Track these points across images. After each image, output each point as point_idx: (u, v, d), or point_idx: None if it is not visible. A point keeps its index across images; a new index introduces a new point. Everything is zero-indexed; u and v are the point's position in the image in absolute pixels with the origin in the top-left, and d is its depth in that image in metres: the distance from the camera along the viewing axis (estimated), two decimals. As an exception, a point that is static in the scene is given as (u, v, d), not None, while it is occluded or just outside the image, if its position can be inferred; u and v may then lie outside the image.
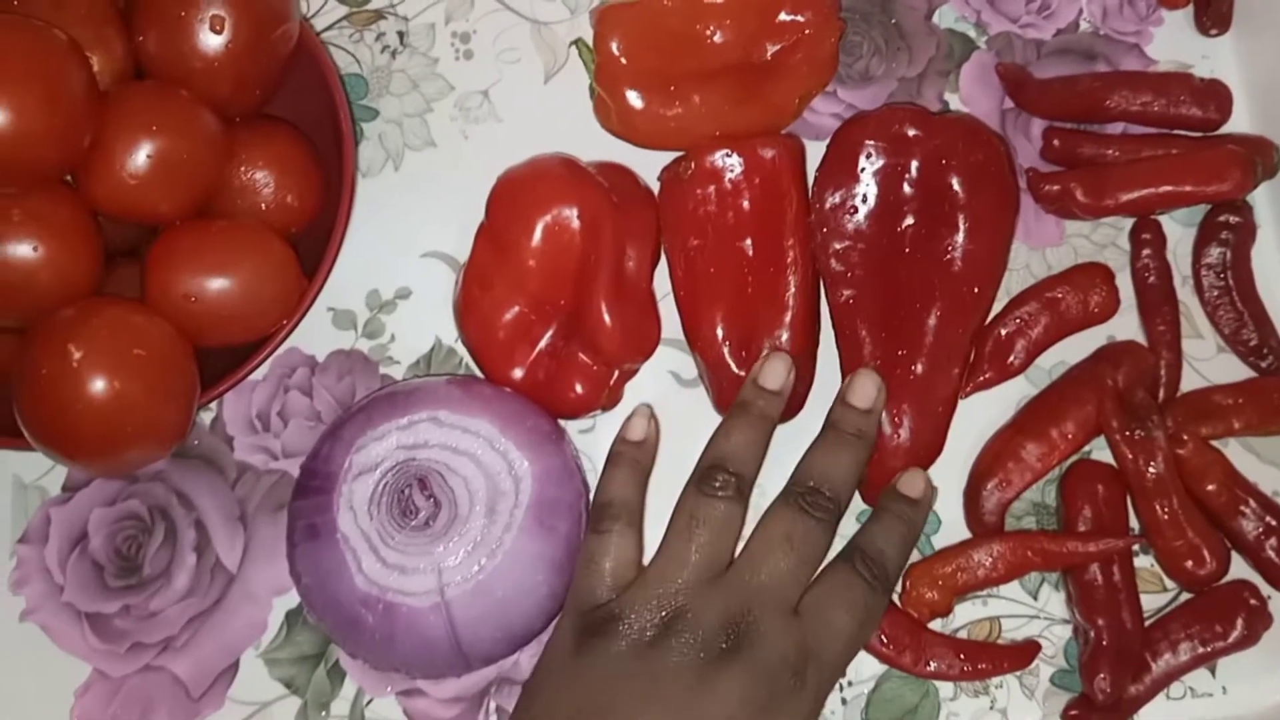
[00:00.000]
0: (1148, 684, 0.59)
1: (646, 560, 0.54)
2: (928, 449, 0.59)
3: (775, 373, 0.56)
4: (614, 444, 0.57)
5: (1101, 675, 0.57)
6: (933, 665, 0.59)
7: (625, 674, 0.49)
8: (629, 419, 0.58)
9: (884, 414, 0.58)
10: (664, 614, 0.50)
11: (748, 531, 0.54)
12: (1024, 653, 0.59)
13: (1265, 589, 0.60)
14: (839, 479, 0.54)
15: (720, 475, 0.53)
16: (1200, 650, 0.59)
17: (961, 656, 0.59)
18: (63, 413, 0.50)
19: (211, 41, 0.54)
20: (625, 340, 0.59)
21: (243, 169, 0.57)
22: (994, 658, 0.59)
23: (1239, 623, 0.59)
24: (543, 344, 0.59)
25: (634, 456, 0.56)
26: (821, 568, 0.53)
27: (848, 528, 0.56)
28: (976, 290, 0.59)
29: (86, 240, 0.52)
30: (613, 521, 0.54)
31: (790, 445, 0.61)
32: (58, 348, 0.50)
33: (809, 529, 0.52)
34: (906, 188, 0.60)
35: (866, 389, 0.56)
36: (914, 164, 0.60)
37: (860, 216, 0.60)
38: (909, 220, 0.60)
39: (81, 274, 0.52)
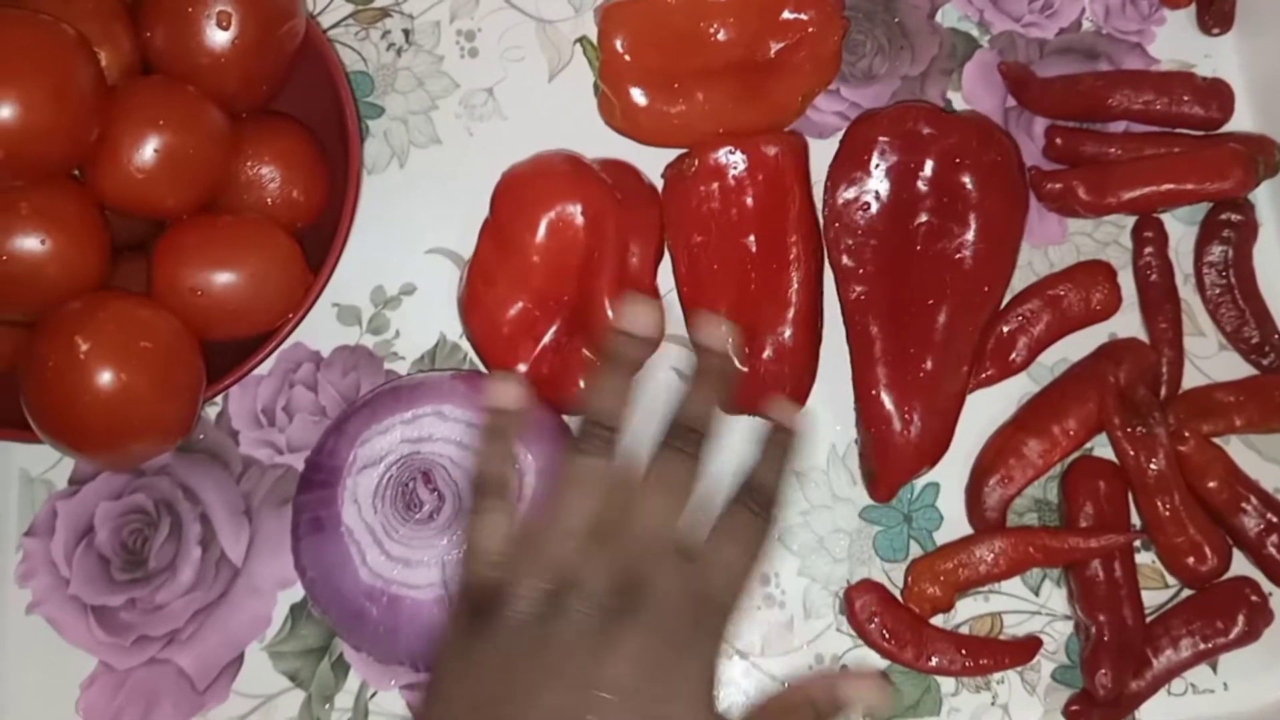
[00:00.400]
0: (1149, 680, 0.59)
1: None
2: (936, 444, 0.59)
3: (640, 319, 0.54)
4: (485, 418, 0.54)
5: (1103, 671, 0.57)
6: (934, 660, 0.59)
7: (521, 653, 0.47)
8: (494, 386, 0.53)
9: (893, 411, 0.58)
10: (550, 583, 0.48)
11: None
12: (1025, 648, 0.60)
13: (1266, 585, 0.60)
14: (695, 412, 0.53)
15: (591, 431, 0.51)
16: (1201, 647, 0.59)
17: (963, 652, 0.59)
18: (70, 405, 0.50)
19: (218, 37, 0.55)
20: (628, 336, 0.59)
21: (249, 164, 0.57)
22: (995, 653, 0.59)
23: (1240, 619, 0.59)
24: (546, 339, 0.59)
25: (504, 428, 0.54)
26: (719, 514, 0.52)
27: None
28: (986, 289, 0.60)
29: (94, 234, 0.53)
30: (489, 497, 0.51)
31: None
32: (65, 340, 0.50)
33: (672, 463, 0.51)
34: (919, 185, 0.60)
35: (715, 332, 0.55)
36: (927, 162, 0.60)
37: (872, 213, 0.61)
38: (921, 218, 0.60)
39: (89, 268, 0.53)
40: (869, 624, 0.59)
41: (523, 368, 0.59)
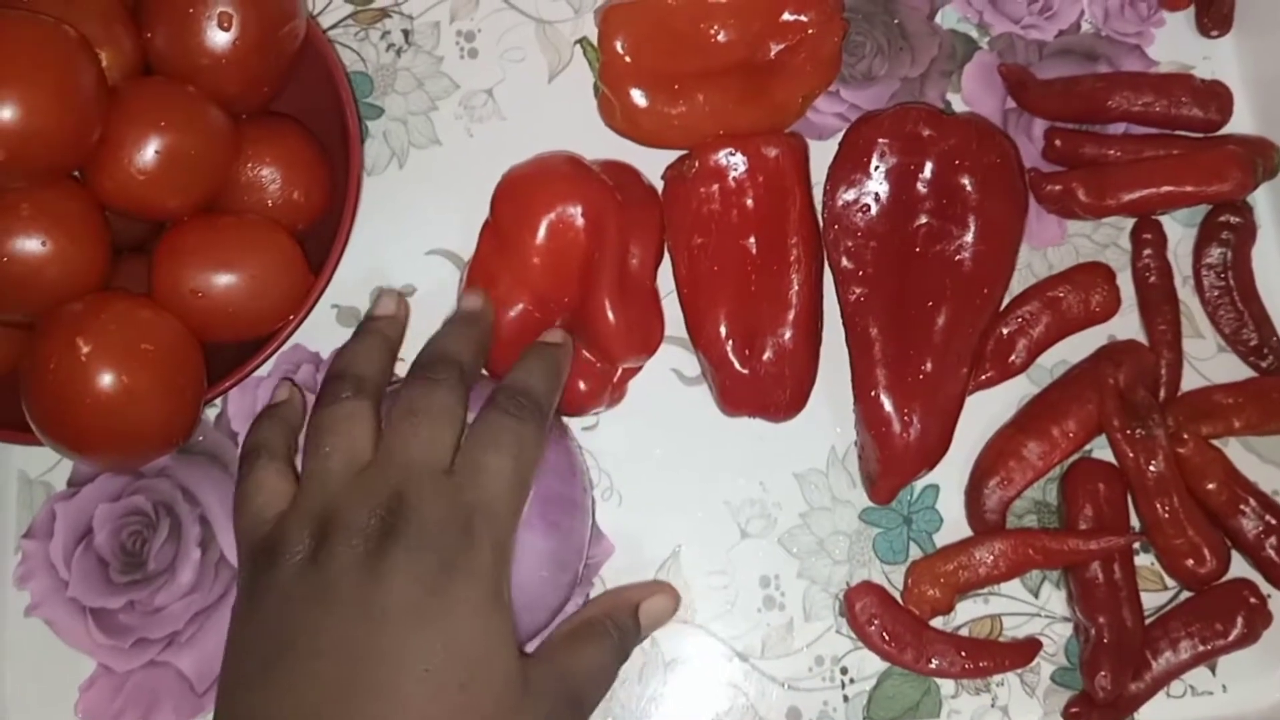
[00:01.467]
0: (1148, 682, 0.59)
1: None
2: (936, 446, 0.59)
3: (384, 304, 0.59)
4: (261, 409, 0.58)
5: (1102, 673, 0.57)
6: (934, 663, 0.59)
7: (296, 597, 0.47)
8: (276, 389, 0.58)
9: (893, 413, 0.58)
10: (316, 523, 0.48)
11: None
12: (1025, 650, 0.60)
13: (1265, 588, 0.60)
14: (456, 347, 0.54)
15: (335, 383, 0.53)
16: (1200, 649, 0.59)
17: (963, 654, 0.59)
18: (70, 407, 0.50)
19: (219, 38, 0.54)
20: (629, 338, 0.59)
21: (250, 165, 0.57)
22: (995, 655, 0.59)
23: (1239, 621, 0.59)
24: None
25: (280, 412, 0.57)
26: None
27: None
28: (986, 291, 0.60)
29: (95, 235, 0.52)
30: (254, 460, 0.53)
31: (793, 442, 0.62)
32: (66, 342, 0.50)
33: (431, 394, 0.51)
34: (919, 187, 0.60)
35: (474, 300, 0.57)
36: (927, 164, 0.60)
37: (872, 215, 0.61)
38: (920, 220, 0.60)
39: (89, 269, 0.52)
40: (869, 626, 0.59)
41: None
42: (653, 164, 0.63)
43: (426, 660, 0.46)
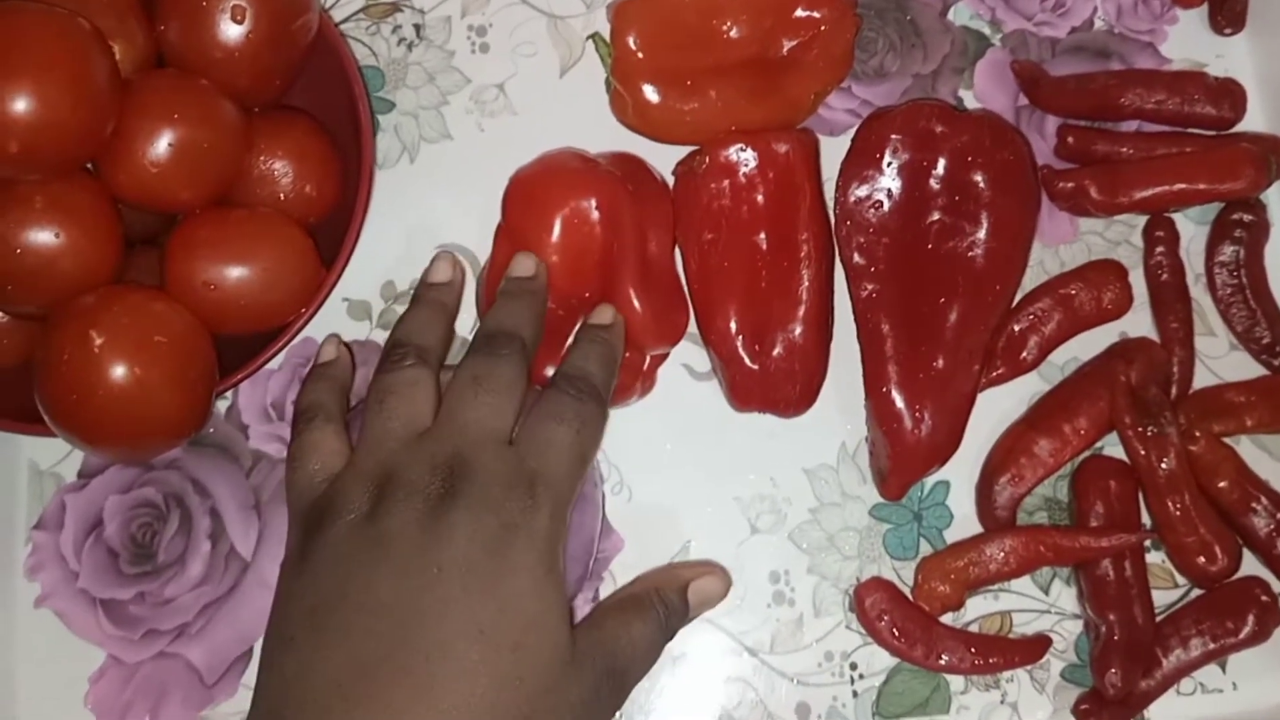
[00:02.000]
0: (1158, 679, 0.59)
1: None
2: (947, 444, 0.59)
3: (440, 270, 0.59)
4: (311, 367, 0.59)
5: (1112, 670, 0.57)
6: (944, 659, 0.59)
7: (350, 553, 0.47)
8: (321, 348, 0.59)
9: (904, 409, 0.58)
10: (374, 482, 0.49)
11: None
12: (1035, 647, 0.60)
13: (1276, 585, 0.60)
14: (516, 321, 0.54)
15: (398, 350, 0.53)
16: (1211, 646, 0.59)
17: (973, 650, 0.59)
18: (84, 399, 0.50)
19: (232, 31, 0.54)
20: (657, 325, 0.59)
21: (262, 159, 0.57)
22: (1005, 652, 0.59)
23: (1250, 619, 0.59)
24: (571, 339, 0.59)
25: (329, 372, 0.57)
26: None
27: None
28: (998, 287, 0.60)
29: (107, 227, 0.53)
30: (308, 421, 0.53)
31: (803, 438, 0.62)
32: (79, 334, 0.50)
33: (494, 366, 0.51)
34: (932, 183, 0.60)
35: (525, 263, 0.57)
36: (940, 160, 0.60)
37: (884, 211, 0.61)
38: (933, 216, 0.60)
39: (102, 261, 0.52)
40: (878, 622, 0.59)
41: (550, 370, 0.58)
42: (664, 160, 0.63)
43: (480, 620, 0.46)
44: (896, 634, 0.59)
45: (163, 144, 0.52)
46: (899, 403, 0.58)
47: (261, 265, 0.54)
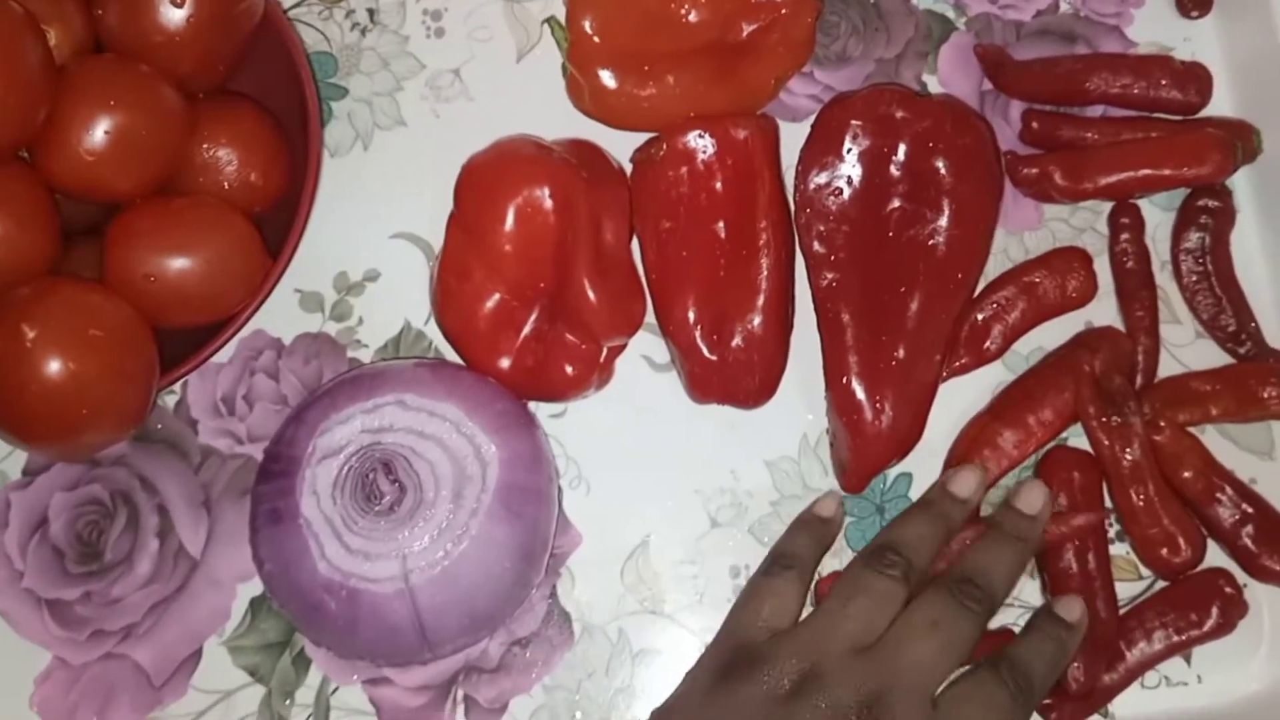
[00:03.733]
0: (1122, 673, 0.58)
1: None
2: (908, 435, 0.58)
3: (965, 482, 0.56)
4: (803, 514, 0.59)
5: (1075, 664, 0.56)
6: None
7: (755, 718, 0.49)
8: (821, 500, 0.59)
9: (865, 400, 0.58)
10: (804, 671, 0.49)
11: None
12: (996, 643, 0.59)
13: (1240, 576, 0.59)
14: (996, 575, 0.53)
15: (890, 554, 0.53)
16: (1175, 639, 0.58)
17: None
18: (16, 394, 0.49)
19: (173, 15, 0.53)
20: (612, 315, 0.58)
21: (205, 146, 0.56)
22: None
23: (1214, 611, 0.58)
24: (527, 329, 0.58)
25: (819, 529, 0.57)
26: (966, 670, 0.52)
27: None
28: (960, 275, 0.59)
29: (42, 218, 0.51)
30: (785, 569, 0.54)
31: (764, 429, 0.61)
32: (11, 327, 0.48)
33: (957, 617, 0.51)
34: (892, 170, 0.59)
35: (1033, 497, 0.56)
36: (901, 146, 0.59)
37: (845, 198, 0.59)
38: (894, 203, 0.59)
39: (37, 252, 0.51)
40: None
41: (506, 361, 0.57)
42: (622, 146, 0.62)
43: None
44: None
45: (99, 131, 0.51)
46: (859, 393, 0.58)
47: (204, 256, 0.53)
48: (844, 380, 0.58)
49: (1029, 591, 0.60)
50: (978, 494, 0.57)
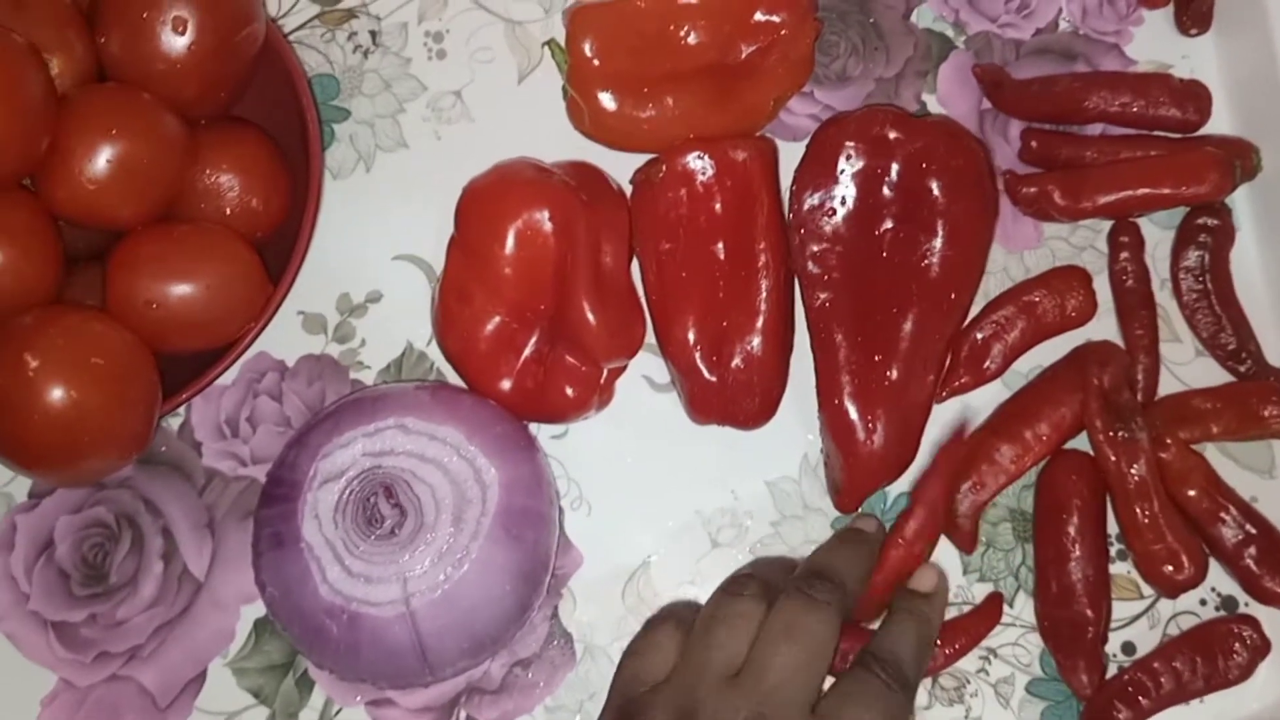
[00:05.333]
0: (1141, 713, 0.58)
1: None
2: (901, 456, 0.58)
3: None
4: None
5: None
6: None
7: None
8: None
9: (857, 420, 0.58)
10: (681, 712, 0.49)
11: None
12: (991, 609, 0.59)
13: (1240, 594, 0.59)
14: (841, 566, 0.53)
15: (742, 578, 0.53)
16: (1196, 686, 0.58)
17: (938, 644, 0.58)
18: (19, 423, 0.49)
19: (175, 43, 0.53)
20: (611, 337, 0.58)
21: (207, 172, 0.56)
22: (968, 630, 0.58)
23: (1237, 659, 0.58)
24: (528, 351, 0.58)
25: (686, 615, 0.55)
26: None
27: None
28: (954, 296, 0.59)
29: (45, 246, 0.52)
30: (662, 622, 0.53)
31: (765, 450, 0.61)
32: (14, 357, 0.49)
33: (810, 617, 0.50)
34: (886, 191, 0.59)
35: (866, 524, 0.57)
36: (894, 167, 0.59)
37: (838, 219, 0.60)
38: (887, 224, 0.59)
39: (40, 280, 0.51)
40: (841, 664, 0.58)
41: (507, 383, 0.58)
42: (622, 168, 0.62)
43: None
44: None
45: (101, 160, 0.51)
46: (852, 414, 0.58)
47: (205, 282, 0.53)
48: (836, 401, 0.58)
49: (1028, 611, 0.60)
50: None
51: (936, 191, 0.58)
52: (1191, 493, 0.59)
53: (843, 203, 0.59)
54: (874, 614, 0.56)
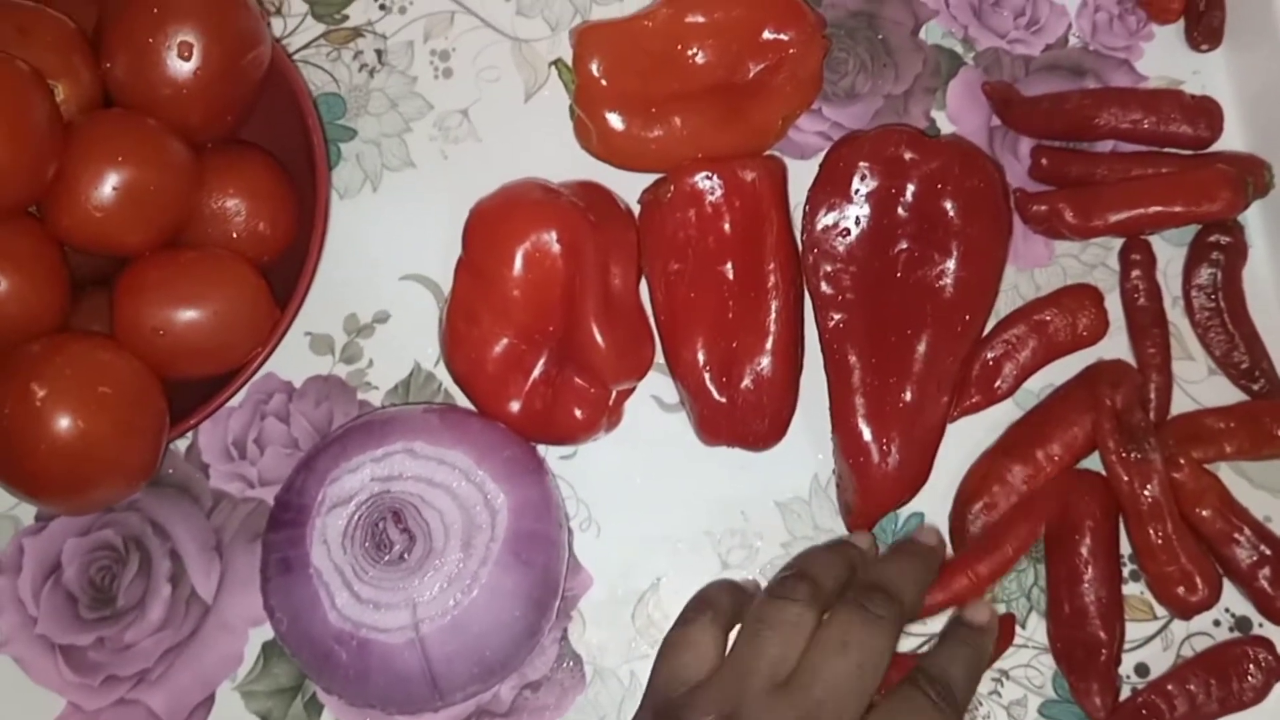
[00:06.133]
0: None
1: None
2: (915, 476, 0.58)
3: (865, 539, 0.56)
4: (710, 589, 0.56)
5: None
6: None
7: None
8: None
9: (871, 442, 0.57)
10: (725, 717, 0.48)
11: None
12: (1004, 632, 0.58)
13: (1255, 615, 0.59)
14: (900, 581, 0.52)
15: (793, 581, 0.52)
16: (1213, 706, 0.57)
17: None
18: (26, 452, 0.49)
19: (180, 68, 0.53)
20: (620, 359, 0.58)
21: (214, 197, 0.56)
22: None
23: (1253, 681, 0.57)
24: (536, 373, 0.58)
25: (725, 594, 0.55)
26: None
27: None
28: (968, 318, 0.58)
29: (52, 274, 0.52)
30: (699, 615, 0.53)
31: (775, 471, 0.61)
32: (21, 386, 0.49)
33: (867, 631, 0.49)
34: (900, 211, 0.59)
35: (928, 537, 0.57)
36: (909, 188, 0.59)
37: (852, 239, 0.59)
38: (901, 245, 0.59)
39: (47, 308, 0.51)
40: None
41: (515, 405, 0.57)
42: (630, 187, 0.62)
43: None
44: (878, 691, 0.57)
45: (107, 187, 0.51)
46: (866, 435, 0.57)
47: (213, 308, 0.53)
48: (850, 422, 0.58)
49: (1040, 632, 0.60)
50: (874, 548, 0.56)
51: (951, 212, 0.58)
52: (1205, 513, 0.58)
53: (857, 223, 0.59)
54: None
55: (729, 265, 0.59)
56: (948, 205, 0.58)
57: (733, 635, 0.52)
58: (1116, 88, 0.65)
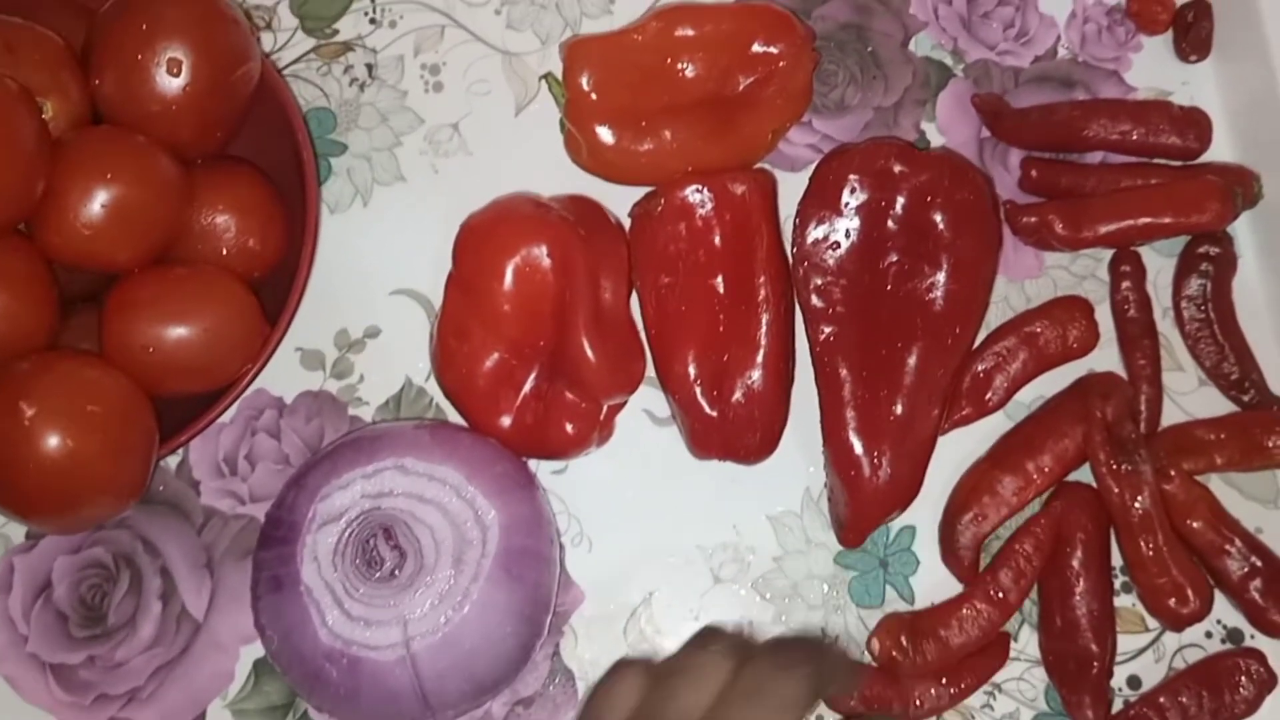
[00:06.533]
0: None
1: None
2: (906, 489, 0.58)
3: None
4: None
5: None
6: (923, 703, 0.58)
7: None
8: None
9: (862, 455, 0.57)
10: None
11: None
12: (999, 650, 0.59)
13: (1246, 627, 0.59)
14: (824, 647, 0.53)
15: (714, 634, 0.52)
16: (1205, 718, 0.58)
17: (944, 682, 0.58)
18: (15, 471, 0.49)
19: (169, 84, 0.53)
20: (611, 373, 0.58)
21: (204, 213, 0.56)
22: (975, 670, 0.58)
23: (1244, 692, 0.57)
24: (527, 388, 0.58)
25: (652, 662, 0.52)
26: None
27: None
28: (958, 330, 0.58)
29: (40, 291, 0.51)
30: (627, 666, 0.50)
31: (766, 484, 0.61)
32: (9, 405, 0.49)
33: (780, 681, 0.47)
34: (890, 224, 0.59)
35: None
36: (899, 200, 0.59)
37: (842, 252, 0.59)
38: (892, 257, 0.59)
39: (35, 326, 0.51)
40: (850, 702, 0.58)
41: (506, 420, 0.57)
42: (620, 201, 0.62)
43: None
44: (870, 706, 0.57)
45: (96, 204, 0.51)
46: (857, 448, 0.57)
47: (202, 325, 0.53)
48: (841, 435, 0.58)
49: (1033, 645, 0.60)
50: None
51: (941, 225, 0.58)
52: (1196, 525, 0.58)
53: (847, 236, 0.59)
54: None
55: (719, 278, 0.59)
56: (938, 218, 0.58)
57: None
58: (1106, 99, 0.66)
